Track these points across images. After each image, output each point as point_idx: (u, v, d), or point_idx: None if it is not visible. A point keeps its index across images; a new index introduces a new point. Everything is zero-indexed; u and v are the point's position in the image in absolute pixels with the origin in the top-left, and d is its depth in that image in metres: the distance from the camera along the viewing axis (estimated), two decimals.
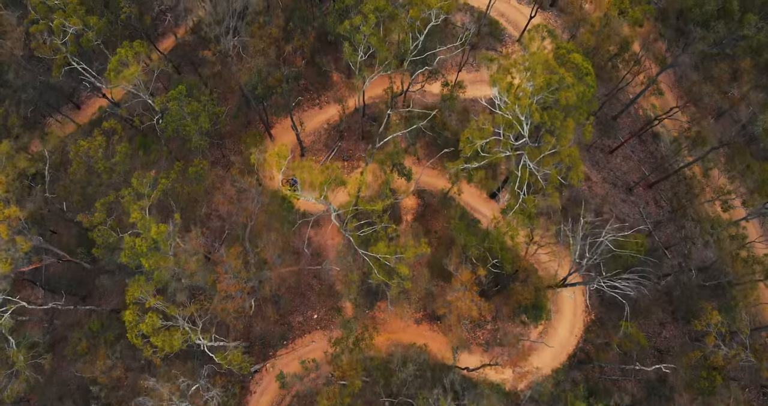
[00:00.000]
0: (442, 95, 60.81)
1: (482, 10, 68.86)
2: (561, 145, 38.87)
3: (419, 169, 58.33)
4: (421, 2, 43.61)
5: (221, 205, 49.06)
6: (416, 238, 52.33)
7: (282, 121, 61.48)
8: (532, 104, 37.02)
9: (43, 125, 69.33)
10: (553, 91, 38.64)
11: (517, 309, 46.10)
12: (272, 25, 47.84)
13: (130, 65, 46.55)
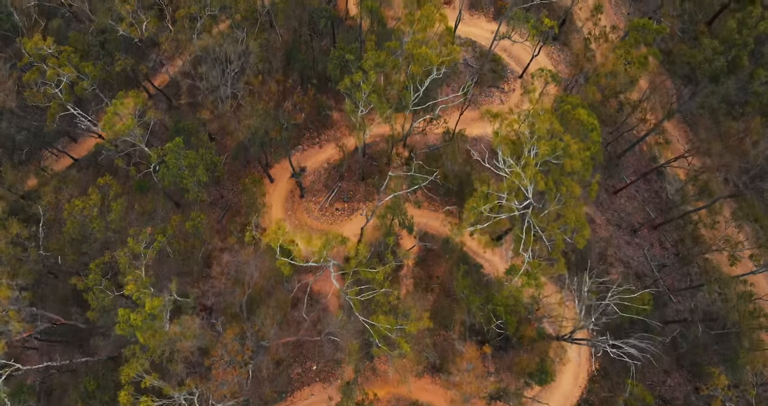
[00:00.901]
0: (444, 134, 59.99)
1: (483, 45, 67.93)
2: (566, 208, 37.96)
3: (422, 211, 57.70)
4: (422, 59, 42.59)
5: (218, 277, 48.21)
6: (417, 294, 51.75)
7: (282, 162, 60.52)
8: (537, 174, 36.07)
9: (39, 158, 68.57)
10: (557, 156, 37.74)
11: (523, 374, 45.26)
12: (271, 80, 46.88)
13: (126, 118, 45.63)
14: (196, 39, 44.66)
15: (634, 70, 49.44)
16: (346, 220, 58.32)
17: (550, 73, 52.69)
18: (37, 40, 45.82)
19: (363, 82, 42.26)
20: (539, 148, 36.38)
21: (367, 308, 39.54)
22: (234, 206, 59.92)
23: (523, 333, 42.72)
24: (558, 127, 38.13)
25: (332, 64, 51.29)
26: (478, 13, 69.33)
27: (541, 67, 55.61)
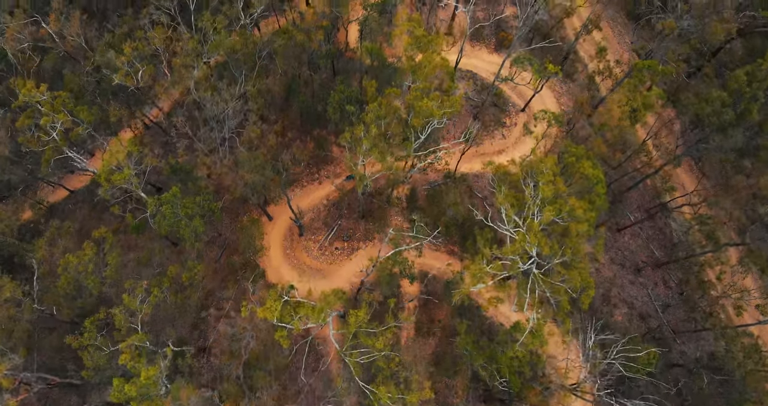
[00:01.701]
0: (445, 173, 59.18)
1: (484, 77, 67.09)
2: (572, 270, 37.13)
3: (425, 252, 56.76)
4: (423, 112, 41.72)
5: (216, 344, 47.37)
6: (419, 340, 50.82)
7: (280, 201, 59.59)
8: (542, 239, 35.22)
9: (35, 188, 67.71)
10: (563, 217, 36.92)
11: None
12: (270, 130, 46.03)
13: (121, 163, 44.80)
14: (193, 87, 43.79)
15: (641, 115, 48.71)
16: (345, 259, 57.45)
17: (553, 116, 51.83)
18: (30, 87, 44.89)
19: (364, 135, 41.41)
20: (544, 214, 35.53)
21: (368, 370, 38.70)
22: (232, 244, 59.02)
23: (527, 394, 41.96)
24: (562, 188, 37.27)
25: (332, 107, 50.44)
26: (479, 44, 68.46)
27: (544, 108, 54.77)
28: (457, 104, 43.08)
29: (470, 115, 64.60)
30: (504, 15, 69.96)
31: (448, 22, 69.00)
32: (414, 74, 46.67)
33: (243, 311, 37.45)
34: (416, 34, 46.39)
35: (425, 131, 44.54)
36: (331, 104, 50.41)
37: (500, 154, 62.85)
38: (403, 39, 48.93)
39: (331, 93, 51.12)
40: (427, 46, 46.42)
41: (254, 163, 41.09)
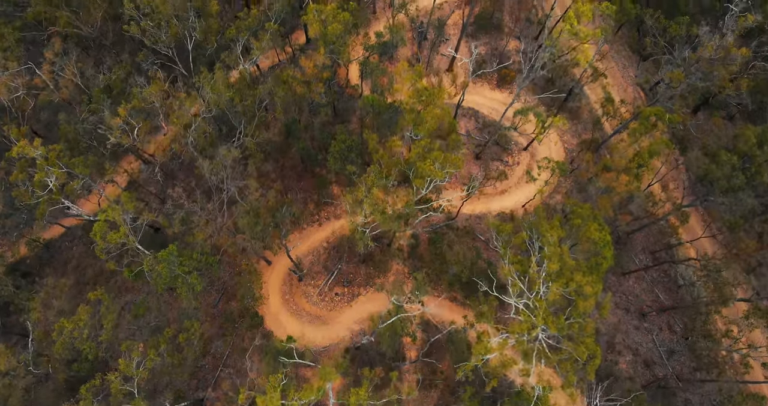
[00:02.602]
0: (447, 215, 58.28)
1: (486, 114, 66.15)
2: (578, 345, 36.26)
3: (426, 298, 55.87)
4: (426, 174, 40.83)
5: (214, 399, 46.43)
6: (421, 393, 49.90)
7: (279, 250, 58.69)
8: (549, 318, 34.34)
9: (31, 225, 66.81)
10: (570, 292, 36.05)
11: None
12: (269, 189, 45.15)
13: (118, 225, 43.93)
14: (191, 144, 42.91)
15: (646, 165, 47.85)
16: (345, 306, 56.56)
17: (556, 165, 50.97)
18: (24, 144, 43.98)
19: (365, 198, 40.53)
20: (550, 290, 34.66)
21: None
22: (230, 289, 58.14)
23: None
24: (569, 261, 36.38)
25: (332, 157, 49.58)
26: (481, 80, 67.50)
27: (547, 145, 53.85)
28: (460, 163, 42.14)
29: (472, 153, 63.71)
30: (506, 49, 69.04)
31: (449, 57, 68.04)
32: (416, 128, 45.82)
33: (240, 397, 36.53)
34: (418, 87, 45.47)
35: (427, 188, 43.71)
36: (332, 154, 49.54)
37: (503, 195, 61.96)
38: (405, 89, 48.05)
39: (331, 142, 50.25)
40: (429, 99, 45.51)
41: (254, 230, 40.21)
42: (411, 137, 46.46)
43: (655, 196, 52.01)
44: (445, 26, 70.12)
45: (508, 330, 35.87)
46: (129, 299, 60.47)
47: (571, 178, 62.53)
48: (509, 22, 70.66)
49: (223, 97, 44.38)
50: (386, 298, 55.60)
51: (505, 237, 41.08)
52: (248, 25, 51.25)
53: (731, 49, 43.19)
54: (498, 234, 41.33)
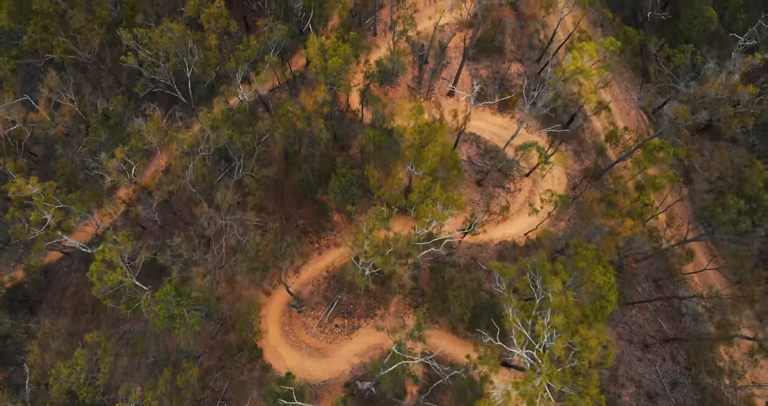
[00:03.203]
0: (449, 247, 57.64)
1: (488, 139, 65.48)
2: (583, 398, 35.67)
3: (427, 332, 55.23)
4: (428, 215, 40.20)
5: None
6: None
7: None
8: (554, 373, 33.75)
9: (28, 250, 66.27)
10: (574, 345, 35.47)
11: None
12: (268, 233, 44.57)
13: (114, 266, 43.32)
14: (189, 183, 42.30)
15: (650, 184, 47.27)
16: (345, 339, 55.92)
17: (559, 198, 50.34)
18: (20, 184, 43.33)
19: (366, 240, 39.91)
20: (555, 347, 34.05)
21: None
22: (229, 320, 57.51)
23: None
24: (573, 311, 35.76)
25: (333, 192, 48.97)
26: (482, 105, 66.73)
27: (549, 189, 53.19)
28: (461, 204, 41.51)
29: (473, 180, 63.07)
30: (508, 73, 68.35)
31: (451, 81, 67.35)
32: (417, 166, 45.22)
33: None
34: (419, 123, 44.83)
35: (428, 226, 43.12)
36: (332, 189, 48.93)
37: (505, 222, 61.34)
38: (406, 123, 47.40)
39: (332, 176, 49.65)
40: (430, 136, 44.88)
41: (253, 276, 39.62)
42: (412, 172, 45.90)
43: (660, 230, 51.31)
44: (446, 49, 69.47)
45: (514, 386, 35.25)
46: (127, 329, 59.89)
47: (573, 205, 61.93)
48: (511, 45, 69.96)
49: (222, 136, 43.75)
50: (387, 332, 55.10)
51: (508, 281, 40.46)
52: (247, 56, 50.59)
53: (738, 86, 42.60)
54: (501, 277, 40.69)
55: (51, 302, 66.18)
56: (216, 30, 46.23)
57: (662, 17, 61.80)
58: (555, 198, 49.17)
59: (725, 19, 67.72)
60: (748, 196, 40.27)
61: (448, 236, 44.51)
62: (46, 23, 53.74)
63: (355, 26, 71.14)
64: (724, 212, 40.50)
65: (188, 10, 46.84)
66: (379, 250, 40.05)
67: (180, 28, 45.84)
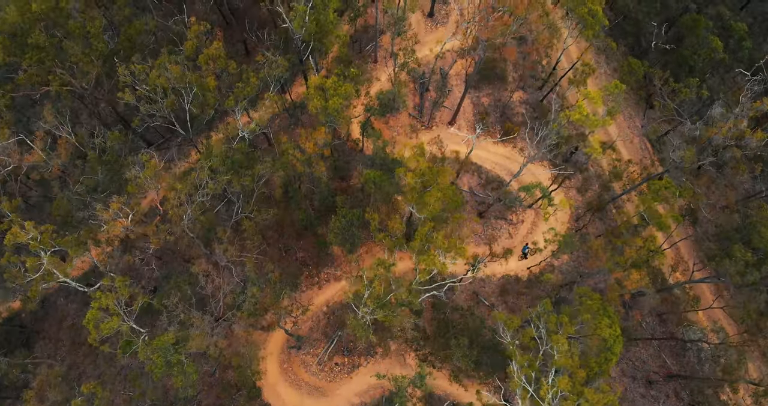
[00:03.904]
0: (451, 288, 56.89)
1: (490, 169, 64.73)
2: None
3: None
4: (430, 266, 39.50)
5: None
6: None
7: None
8: None
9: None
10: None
11: None
12: (265, 291, 43.97)
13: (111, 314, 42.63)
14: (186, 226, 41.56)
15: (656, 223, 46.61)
16: (345, 377, 55.16)
17: (564, 239, 49.62)
18: (16, 231, 42.53)
19: (367, 292, 39.21)
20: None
21: None
22: (227, 357, 56.74)
23: None
24: (579, 373, 35.06)
25: (333, 234, 48.27)
26: (484, 134, 65.99)
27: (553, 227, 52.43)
28: (465, 253, 40.78)
29: (475, 211, 62.35)
30: (510, 101, 67.59)
31: (452, 109, 66.59)
32: (419, 210, 44.49)
33: None
34: (421, 166, 44.08)
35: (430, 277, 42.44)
36: (332, 231, 48.22)
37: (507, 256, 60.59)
38: (407, 157, 46.58)
39: (332, 218, 48.94)
40: (432, 180, 44.14)
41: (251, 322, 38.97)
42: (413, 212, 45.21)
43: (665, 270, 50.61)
44: (447, 76, 68.69)
45: None
46: (125, 363, 59.18)
47: (577, 237, 61.22)
48: (513, 72, 69.18)
49: (220, 182, 43.01)
50: (388, 368, 54.43)
51: (512, 332, 39.76)
52: (247, 94, 49.85)
53: (746, 132, 41.89)
54: (506, 328, 39.98)
55: (48, 333, 65.51)
56: (214, 71, 45.42)
57: (666, 47, 61.01)
58: (558, 238, 48.41)
59: (730, 45, 67.07)
60: (756, 247, 39.60)
61: (451, 279, 43.77)
62: (42, 57, 52.90)
63: (355, 53, 70.40)
64: (732, 263, 39.86)
65: (186, 51, 46.01)
66: (380, 301, 39.34)
67: (177, 70, 45.02)
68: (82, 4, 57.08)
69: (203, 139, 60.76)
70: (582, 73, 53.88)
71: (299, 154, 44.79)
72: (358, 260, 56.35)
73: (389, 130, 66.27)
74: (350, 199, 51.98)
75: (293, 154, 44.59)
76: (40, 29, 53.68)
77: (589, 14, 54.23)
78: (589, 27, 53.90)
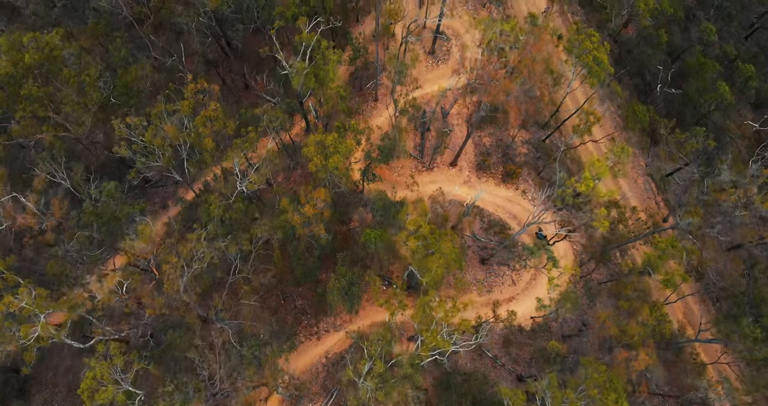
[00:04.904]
0: None
1: (492, 211, 63.73)
2: None
3: None
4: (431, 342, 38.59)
5: None
6: None
7: None
8: None
9: None
10: None
11: None
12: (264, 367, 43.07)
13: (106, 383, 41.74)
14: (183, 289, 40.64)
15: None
16: None
17: (568, 298, 48.71)
18: (9, 301, 41.63)
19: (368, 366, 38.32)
20: None
21: None
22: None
23: None
24: None
25: (332, 295, 47.39)
26: (486, 175, 65.02)
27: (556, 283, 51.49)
28: (468, 327, 39.88)
29: (477, 256, 61.42)
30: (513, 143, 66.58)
31: (454, 149, 65.58)
32: (421, 273, 43.61)
33: None
34: (423, 231, 43.15)
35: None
36: (332, 292, 47.34)
37: (510, 302, 59.69)
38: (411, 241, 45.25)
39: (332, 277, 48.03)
40: (435, 244, 43.19)
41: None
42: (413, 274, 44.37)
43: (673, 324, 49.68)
44: (448, 116, 67.75)
45: None
46: None
47: (581, 284, 60.40)
48: (515, 111, 68.05)
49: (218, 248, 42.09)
50: None
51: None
52: (245, 148, 48.90)
53: (756, 199, 40.98)
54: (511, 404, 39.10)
55: (44, 378, 64.55)
56: (212, 132, 44.43)
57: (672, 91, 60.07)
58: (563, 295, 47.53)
59: (736, 84, 66.08)
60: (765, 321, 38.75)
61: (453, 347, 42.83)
62: (35, 108, 51.93)
63: (355, 90, 69.39)
64: (741, 340, 39.01)
65: (183, 110, 44.97)
66: (382, 378, 38.44)
67: (173, 130, 44.00)
68: (77, 49, 55.96)
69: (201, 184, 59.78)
70: (587, 123, 52.89)
71: (298, 218, 43.83)
72: (358, 310, 55.42)
73: (390, 171, 65.26)
74: (350, 254, 51.01)
75: (292, 217, 43.65)
76: (34, 78, 52.77)
77: (594, 62, 53.32)
78: (595, 75, 52.98)
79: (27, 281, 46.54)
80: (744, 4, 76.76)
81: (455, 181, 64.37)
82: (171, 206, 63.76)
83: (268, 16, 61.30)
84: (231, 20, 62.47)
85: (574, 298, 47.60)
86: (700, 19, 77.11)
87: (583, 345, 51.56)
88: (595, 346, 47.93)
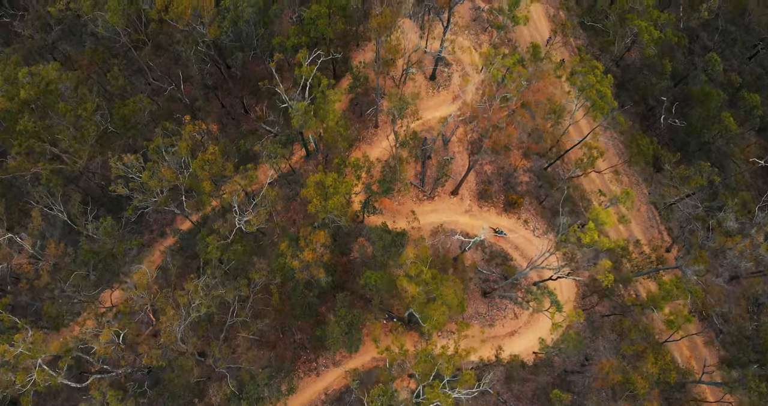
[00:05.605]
0: None
1: (493, 242, 63.00)
2: None
3: None
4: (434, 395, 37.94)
5: None
6: None
7: None
8: None
9: None
10: None
11: None
12: None
13: None
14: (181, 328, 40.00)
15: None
16: None
17: (571, 339, 48.07)
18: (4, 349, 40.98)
19: None
20: None
21: None
22: None
23: None
24: None
25: (331, 338, 46.73)
26: (487, 205, 64.30)
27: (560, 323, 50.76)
28: (471, 380, 39.21)
29: (479, 289, 60.74)
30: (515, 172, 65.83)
31: (456, 178, 64.84)
32: (422, 319, 42.97)
33: None
34: (425, 278, 42.46)
35: None
36: (331, 335, 46.67)
37: (512, 337, 59.00)
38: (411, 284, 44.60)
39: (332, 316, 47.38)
40: (437, 290, 42.53)
41: None
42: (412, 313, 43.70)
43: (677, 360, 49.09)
44: (449, 143, 67.04)
45: None
46: None
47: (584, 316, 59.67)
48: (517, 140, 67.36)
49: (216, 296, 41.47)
50: None
51: None
52: (244, 186, 48.22)
53: (762, 246, 40.31)
54: None
55: None
56: (210, 175, 43.72)
57: (676, 122, 59.38)
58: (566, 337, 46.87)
59: (740, 111, 65.40)
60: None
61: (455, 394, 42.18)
62: (32, 144, 51.28)
63: (356, 117, 68.67)
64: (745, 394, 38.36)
65: (181, 151, 44.28)
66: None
67: (171, 174, 43.32)
68: (74, 81, 55.24)
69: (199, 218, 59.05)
70: (590, 157, 52.22)
71: (296, 263, 43.16)
72: (359, 348, 54.72)
73: (390, 201, 64.53)
74: (350, 294, 50.35)
75: (291, 262, 42.99)
76: (30, 112, 52.11)
77: (597, 96, 52.68)
78: (598, 109, 52.33)
79: (24, 321, 46.03)
80: (748, 28, 76.10)
81: (456, 211, 63.68)
82: (169, 234, 63.04)
83: (267, 45, 60.63)
84: (230, 48, 61.73)
85: (577, 340, 46.83)
86: (704, 39, 76.56)
87: (586, 385, 50.91)
88: (598, 390, 47.28)
